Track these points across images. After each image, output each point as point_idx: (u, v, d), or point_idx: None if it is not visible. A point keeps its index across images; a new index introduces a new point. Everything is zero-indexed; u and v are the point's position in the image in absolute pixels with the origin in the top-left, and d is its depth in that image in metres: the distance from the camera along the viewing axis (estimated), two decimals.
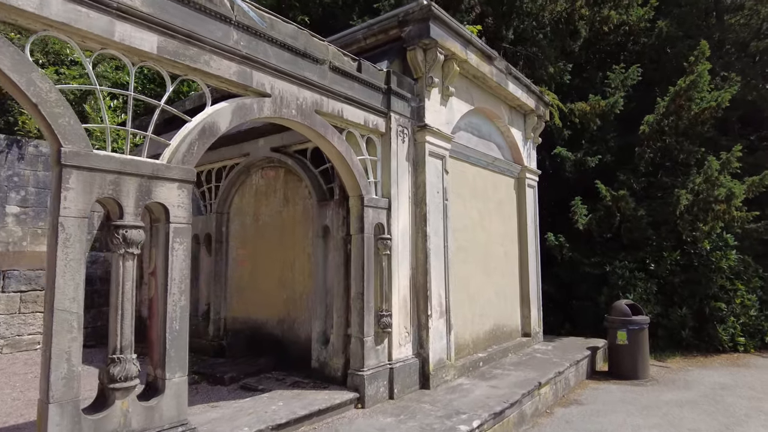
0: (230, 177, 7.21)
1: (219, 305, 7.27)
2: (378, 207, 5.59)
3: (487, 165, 7.87)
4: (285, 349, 6.42)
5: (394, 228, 5.76)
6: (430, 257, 6.06)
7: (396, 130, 5.89)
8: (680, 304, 9.98)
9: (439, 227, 6.34)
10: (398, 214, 5.85)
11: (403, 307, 5.83)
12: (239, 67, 4.22)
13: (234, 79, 4.18)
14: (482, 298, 7.50)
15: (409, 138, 6.10)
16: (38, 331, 8.01)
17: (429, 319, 5.97)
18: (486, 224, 7.75)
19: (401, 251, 5.85)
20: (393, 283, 5.67)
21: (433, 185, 6.27)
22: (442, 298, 6.28)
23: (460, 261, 7.00)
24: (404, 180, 5.98)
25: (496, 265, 7.95)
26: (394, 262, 5.72)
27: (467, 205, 7.29)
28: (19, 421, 4.80)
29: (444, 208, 6.45)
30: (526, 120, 8.92)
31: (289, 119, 4.66)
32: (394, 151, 5.83)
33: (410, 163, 6.10)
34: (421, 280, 6.04)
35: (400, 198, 5.89)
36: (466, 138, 7.39)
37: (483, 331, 7.45)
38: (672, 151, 10.13)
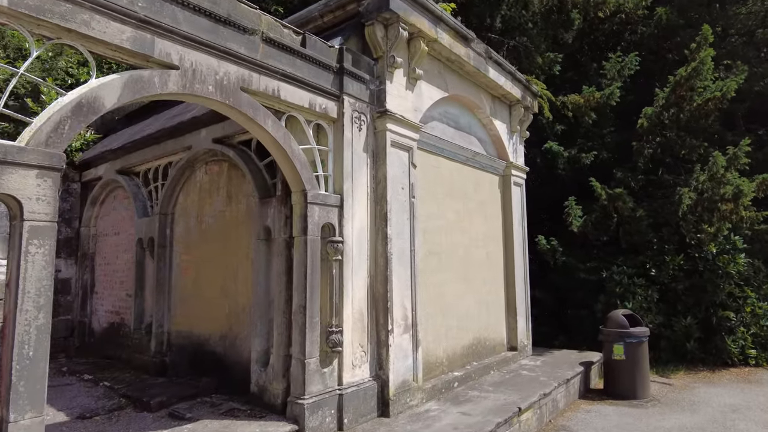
0: (173, 173, 6.42)
1: (162, 317, 6.45)
2: (326, 204, 4.77)
3: (466, 160, 7.05)
4: (227, 369, 5.60)
5: (347, 229, 4.94)
6: (391, 263, 5.23)
7: (350, 115, 5.08)
8: (684, 313, 9.11)
9: (405, 228, 5.52)
10: (353, 213, 5.03)
11: (358, 321, 5.00)
12: (135, 32, 3.43)
13: (128, 47, 3.39)
14: (460, 309, 6.66)
15: (367, 126, 5.29)
16: None
17: (390, 335, 5.13)
18: (465, 226, 6.92)
19: (356, 256, 5.03)
20: (345, 294, 4.85)
21: (397, 180, 5.45)
22: (408, 310, 5.44)
23: (433, 267, 6.17)
24: (361, 174, 5.17)
25: (477, 271, 7.12)
26: (347, 269, 4.90)
27: (442, 204, 6.47)
28: None
29: (411, 206, 5.63)
30: (512, 112, 8.11)
31: (205, 97, 3.86)
32: (348, 140, 5.03)
33: (369, 154, 5.29)
34: (381, 290, 5.21)
35: (355, 194, 5.07)
36: (440, 129, 6.58)
37: (461, 346, 6.61)
38: (673, 146, 9.29)
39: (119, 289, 7.60)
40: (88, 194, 8.30)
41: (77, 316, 8.22)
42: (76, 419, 4.87)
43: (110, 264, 7.94)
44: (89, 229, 8.35)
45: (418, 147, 5.95)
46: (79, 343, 8.14)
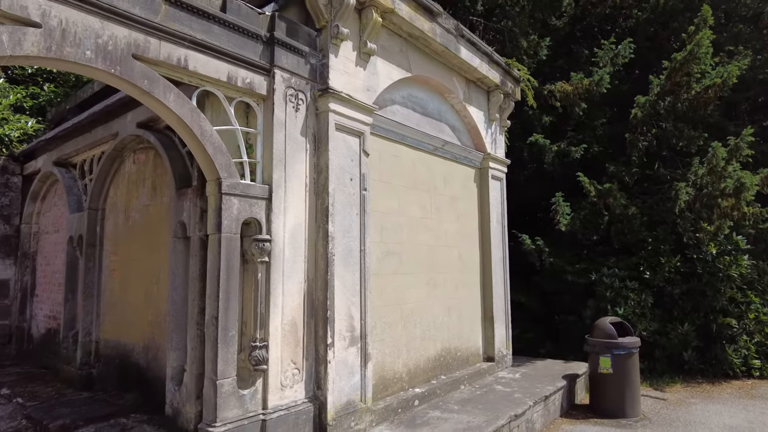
0: (102, 164, 5.72)
1: (90, 325, 5.76)
2: (248, 196, 4.05)
3: (434, 150, 6.32)
4: (151, 385, 4.90)
5: (276, 226, 4.22)
6: (334, 265, 4.51)
7: (284, 93, 4.36)
8: (681, 320, 8.34)
9: (353, 225, 4.79)
10: (285, 206, 4.31)
11: (290, 334, 4.28)
12: None
13: None
14: (425, 316, 5.93)
15: (307, 105, 4.57)
16: None
17: (329, 349, 4.41)
18: (432, 223, 6.19)
19: (289, 257, 4.31)
20: (273, 302, 4.13)
21: (343, 170, 4.73)
22: (356, 320, 4.72)
23: (392, 269, 5.45)
24: (298, 161, 4.45)
25: (447, 274, 6.39)
26: (277, 273, 4.18)
27: (403, 198, 5.74)
28: None
29: (361, 200, 4.90)
30: (490, 98, 7.36)
31: (81, 63, 3.15)
32: (279, 121, 4.31)
33: (309, 139, 4.57)
34: (321, 297, 4.49)
35: (289, 185, 4.35)
36: (403, 114, 5.85)
37: (425, 359, 5.88)
38: (670, 138, 8.51)
39: (57, 291, 6.92)
40: (30, 188, 7.63)
41: (15, 320, 7.55)
42: None
43: (50, 264, 7.26)
44: (30, 226, 7.68)
45: (373, 132, 5.23)
46: (16, 351, 7.47)
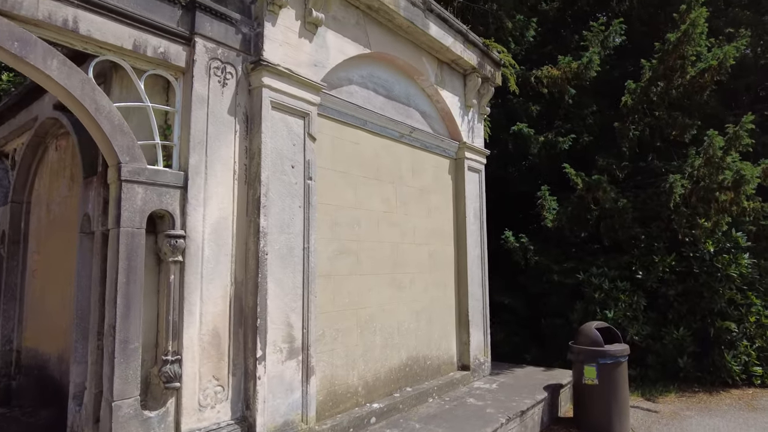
0: (24, 152, 5.11)
1: (11, 332, 5.16)
2: (157, 184, 3.44)
3: (401, 137, 5.70)
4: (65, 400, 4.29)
5: (194, 219, 3.61)
6: (267, 266, 3.90)
7: (206, 65, 3.75)
8: (676, 324, 7.74)
9: (294, 220, 4.18)
10: (206, 196, 3.70)
11: (211, 346, 3.67)
12: None
13: None
14: (388, 322, 5.32)
15: (238, 81, 3.95)
16: None
17: (259, 363, 3.79)
18: (397, 218, 5.58)
19: (211, 256, 3.70)
20: (190, 309, 3.52)
21: (282, 155, 4.12)
22: (296, 329, 4.11)
23: (346, 270, 4.83)
24: (224, 144, 3.83)
25: (414, 274, 5.78)
26: (193, 275, 3.57)
27: (363, 189, 5.13)
28: None
29: (306, 191, 4.29)
30: (467, 82, 6.74)
31: None
32: (200, 97, 3.69)
33: (239, 119, 3.96)
34: (251, 302, 3.87)
35: (212, 171, 3.74)
36: (362, 96, 5.23)
37: (387, 369, 5.27)
38: (663, 127, 7.89)
39: None
40: None
41: None
42: None
43: None
44: None
45: (323, 115, 4.62)
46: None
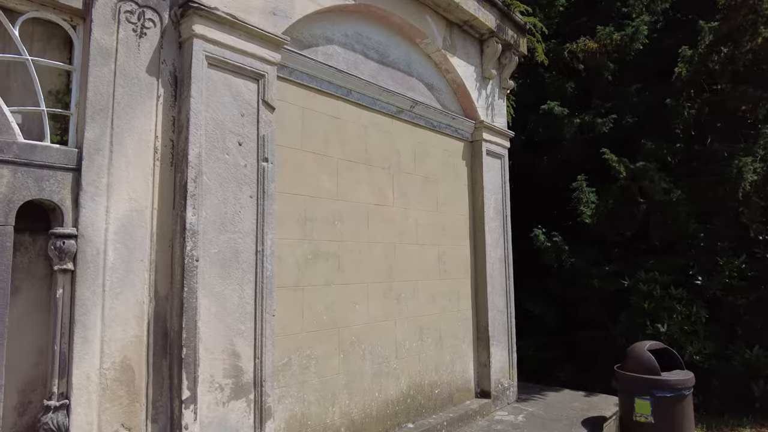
0: None
1: None
2: (33, 165, 2.49)
3: (398, 112, 4.63)
4: None
5: (92, 212, 2.65)
6: (198, 276, 2.91)
7: (114, 8, 2.78)
8: (748, 340, 6.35)
9: (242, 214, 3.18)
10: (109, 182, 2.73)
11: (119, 384, 2.70)
12: None
13: None
14: (381, 343, 4.26)
15: (162, 30, 2.98)
16: None
17: (186, 408, 2.80)
18: (394, 213, 4.51)
19: (116, 264, 2.73)
20: (83, 335, 2.57)
21: (223, 128, 3.12)
22: (244, 359, 3.11)
23: (321, 279, 3.81)
24: (138, 113, 2.86)
25: (417, 282, 4.70)
26: (90, 288, 2.61)
27: (345, 176, 4.09)
28: None
29: (259, 176, 3.28)
30: (484, 49, 5.59)
31: None
32: (103, 50, 2.73)
33: (163, 80, 2.98)
34: (175, 324, 2.89)
35: (118, 149, 2.77)
36: (346, 59, 4.18)
37: (381, 402, 4.21)
38: (727, 101, 6.49)
39: None
40: None
41: None
42: None
43: None
44: None
45: (286, 78, 3.62)
46: None
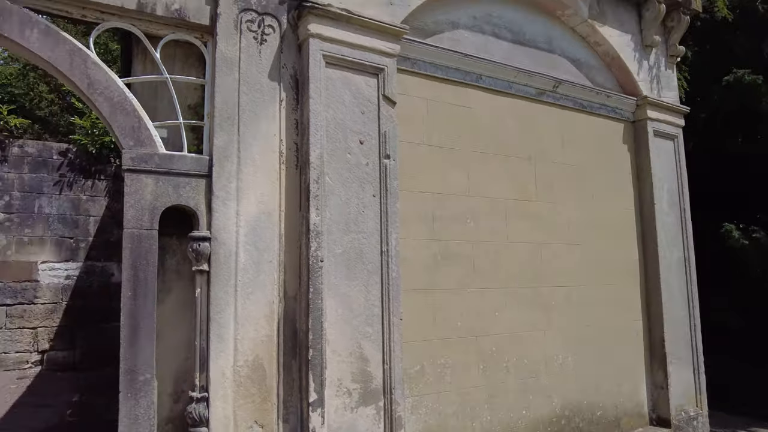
0: None
1: None
2: (171, 173, 2.71)
3: (539, 95, 4.11)
4: None
5: (224, 216, 2.79)
6: (323, 276, 2.87)
7: (236, 19, 2.92)
8: None
9: (366, 214, 3.08)
10: (239, 186, 2.85)
11: (251, 381, 2.78)
12: None
13: None
14: (526, 355, 3.79)
15: (282, 35, 3.05)
16: (26, 349, 7.19)
17: (313, 410, 2.77)
18: (538, 209, 4.00)
19: (247, 265, 2.82)
20: (218, 332, 2.71)
21: (344, 128, 3.06)
22: (372, 363, 2.99)
23: (453, 282, 3.52)
24: (262, 117, 2.95)
25: (570, 288, 4.09)
26: (223, 288, 2.74)
27: (478, 170, 3.74)
28: None
29: (381, 174, 3.15)
30: (642, 12, 4.69)
31: None
32: (227, 60, 2.87)
33: (284, 84, 3.03)
34: (303, 325, 2.89)
35: (245, 154, 2.88)
36: (474, 42, 3.85)
37: (528, 422, 3.73)
38: None
39: None
40: None
41: None
42: None
43: None
44: None
45: (407, 70, 3.43)
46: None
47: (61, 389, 5.98)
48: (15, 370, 7.07)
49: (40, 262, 7.36)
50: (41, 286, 7.31)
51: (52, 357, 7.27)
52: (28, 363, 7.20)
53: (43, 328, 7.29)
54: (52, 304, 7.38)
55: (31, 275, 7.27)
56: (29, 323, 7.23)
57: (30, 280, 7.26)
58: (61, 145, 7.68)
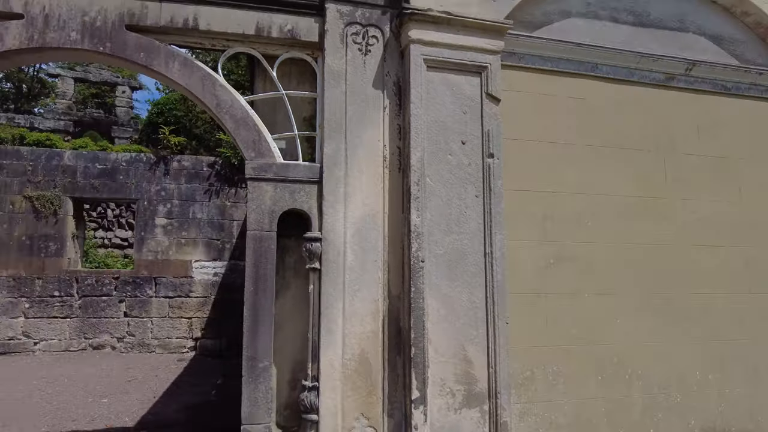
0: None
1: None
2: (287, 180, 2.97)
3: (668, 80, 3.69)
4: None
5: (332, 219, 2.98)
6: (424, 277, 2.92)
7: (342, 33, 3.10)
8: None
9: (468, 214, 3.06)
10: (346, 191, 3.02)
11: (358, 374, 2.93)
12: None
13: None
14: (654, 369, 3.41)
15: (384, 44, 3.17)
16: (183, 336, 8.36)
17: (416, 408, 2.82)
18: (666, 206, 3.59)
19: (354, 264, 2.98)
20: (326, 327, 2.90)
21: (446, 129, 3.08)
22: (476, 366, 2.96)
23: (567, 286, 3.32)
24: (367, 125, 3.09)
25: (710, 295, 3.58)
26: (332, 285, 2.94)
27: (594, 166, 3.48)
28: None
29: (485, 174, 3.10)
30: None
31: (65, 47, 2.82)
32: (335, 73, 3.07)
33: (387, 91, 3.15)
34: (406, 323, 2.96)
35: (352, 161, 3.04)
36: (588, 30, 3.58)
37: None
38: None
39: None
40: None
41: None
42: None
43: None
44: None
45: (512, 66, 3.34)
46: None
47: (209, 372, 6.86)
48: (175, 353, 8.28)
49: (193, 260, 8.52)
50: (194, 282, 8.46)
51: (203, 344, 8.36)
52: (185, 348, 8.37)
53: (196, 319, 8.43)
54: (203, 297, 8.49)
55: (186, 272, 8.45)
56: (186, 314, 8.41)
57: (186, 276, 8.44)
58: (209, 158, 8.82)
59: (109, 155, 8.46)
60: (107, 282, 8.20)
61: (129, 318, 8.19)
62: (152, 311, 8.27)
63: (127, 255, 10.43)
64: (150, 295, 8.29)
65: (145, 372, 6.79)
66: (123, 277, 8.28)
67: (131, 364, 7.25)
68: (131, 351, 8.12)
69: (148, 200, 8.44)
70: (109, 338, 8.10)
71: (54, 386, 5.85)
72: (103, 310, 8.12)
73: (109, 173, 8.34)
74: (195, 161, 8.71)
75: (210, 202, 8.61)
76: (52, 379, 6.21)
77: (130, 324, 8.20)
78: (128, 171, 8.42)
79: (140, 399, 5.43)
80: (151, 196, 8.41)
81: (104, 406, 5.18)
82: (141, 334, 8.19)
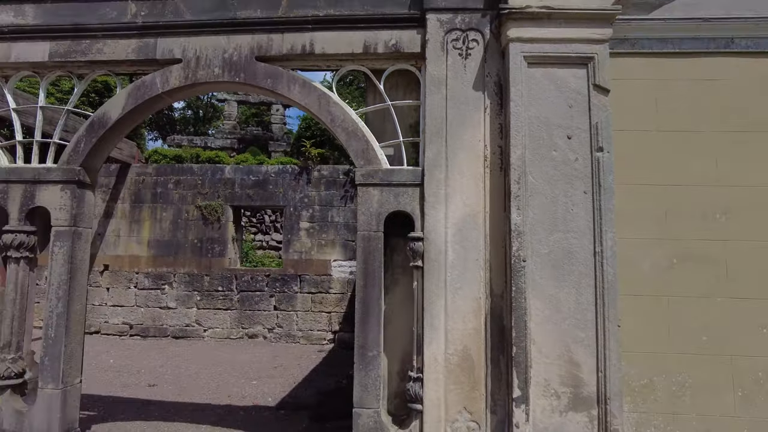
0: None
1: None
2: (391, 184, 3.20)
3: None
4: None
5: (433, 219, 3.13)
6: (526, 276, 2.91)
7: (442, 41, 3.24)
8: None
9: (575, 212, 2.97)
10: (446, 192, 3.14)
11: (460, 369, 3.03)
12: (139, 41, 3.50)
13: (133, 58, 3.49)
14: None
15: (485, 45, 3.23)
16: (323, 329, 9.17)
17: (517, 406, 2.82)
18: None
19: (455, 262, 3.09)
20: (429, 322, 3.06)
21: (549, 124, 3.03)
22: (584, 369, 2.85)
23: (694, 288, 3.02)
24: (467, 127, 3.18)
25: None
26: (435, 283, 3.08)
27: (727, 154, 3.09)
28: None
29: (594, 169, 2.98)
30: None
31: (210, 82, 3.43)
32: (435, 79, 3.22)
33: (488, 92, 3.20)
34: (508, 322, 2.97)
35: (452, 162, 3.16)
36: (718, 3, 3.20)
37: None
38: None
39: None
40: None
41: None
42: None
43: None
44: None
45: (623, 53, 3.16)
46: None
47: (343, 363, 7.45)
48: (316, 344, 9.12)
49: (332, 260, 9.31)
50: (333, 279, 9.24)
51: (340, 337, 9.07)
52: (325, 340, 9.18)
53: (335, 313, 9.19)
54: (340, 294, 9.22)
55: (326, 270, 9.27)
56: (325, 308, 9.22)
57: (325, 274, 9.26)
58: (344, 167, 9.57)
59: (261, 167, 9.69)
60: (260, 279, 9.39)
61: (278, 311, 9.27)
62: (297, 305, 9.25)
63: (280, 256, 11.79)
64: (295, 291, 9.27)
65: (289, 360, 7.66)
66: (273, 275, 9.40)
67: (278, 352, 8.23)
68: (279, 341, 9.18)
69: (293, 206, 9.46)
70: (262, 329, 9.27)
71: (216, 368, 6.96)
72: (257, 303, 9.33)
73: (261, 183, 9.56)
74: (332, 170, 9.53)
75: (345, 207, 9.34)
76: (216, 361, 7.38)
77: (279, 316, 9.28)
78: (276, 181, 9.55)
79: (282, 383, 6.18)
80: (296, 203, 9.43)
81: (253, 387, 6.02)
82: (288, 326, 9.21)
